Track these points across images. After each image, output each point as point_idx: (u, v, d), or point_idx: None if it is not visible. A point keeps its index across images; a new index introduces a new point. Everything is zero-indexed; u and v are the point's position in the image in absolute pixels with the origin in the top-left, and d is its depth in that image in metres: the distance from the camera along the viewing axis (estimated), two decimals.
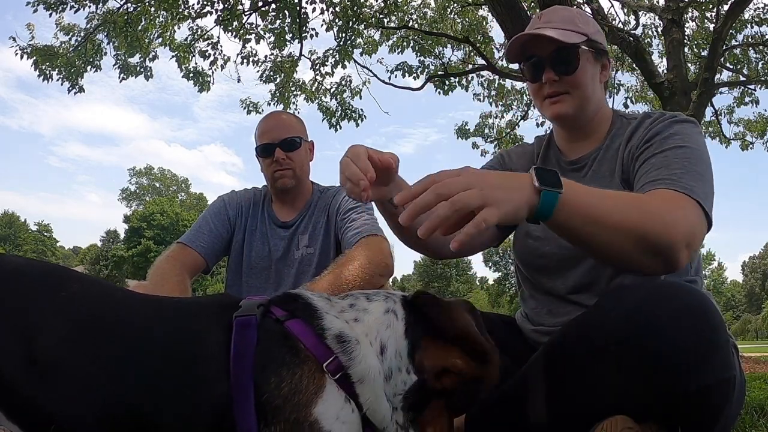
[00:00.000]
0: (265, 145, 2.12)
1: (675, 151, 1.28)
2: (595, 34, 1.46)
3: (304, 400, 0.90)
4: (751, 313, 53.22)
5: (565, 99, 1.44)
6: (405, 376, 0.99)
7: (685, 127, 1.35)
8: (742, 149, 10.09)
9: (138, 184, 56.89)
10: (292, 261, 2.11)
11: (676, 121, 1.37)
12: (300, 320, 0.98)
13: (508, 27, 4.93)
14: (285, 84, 8.57)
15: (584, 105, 1.46)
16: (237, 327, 0.95)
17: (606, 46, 1.50)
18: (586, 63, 1.43)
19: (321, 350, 0.95)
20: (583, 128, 1.51)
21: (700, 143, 1.32)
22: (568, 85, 1.43)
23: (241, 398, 0.89)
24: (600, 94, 1.49)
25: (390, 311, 1.03)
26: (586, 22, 1.47)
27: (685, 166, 1.24)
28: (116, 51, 7.52)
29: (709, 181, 1.25)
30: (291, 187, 2.13)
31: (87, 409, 0.87)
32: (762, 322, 44.81)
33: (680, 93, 6.68)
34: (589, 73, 1.44)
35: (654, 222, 1.08)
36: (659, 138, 1.33)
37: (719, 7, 7.69)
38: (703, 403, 1.05)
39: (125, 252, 41.07)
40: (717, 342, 1.03)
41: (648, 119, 1.42)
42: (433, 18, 8.86)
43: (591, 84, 1.45)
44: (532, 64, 1.47)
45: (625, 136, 1.43)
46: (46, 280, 0.97)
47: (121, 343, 0.93)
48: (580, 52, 1.42)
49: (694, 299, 1.04)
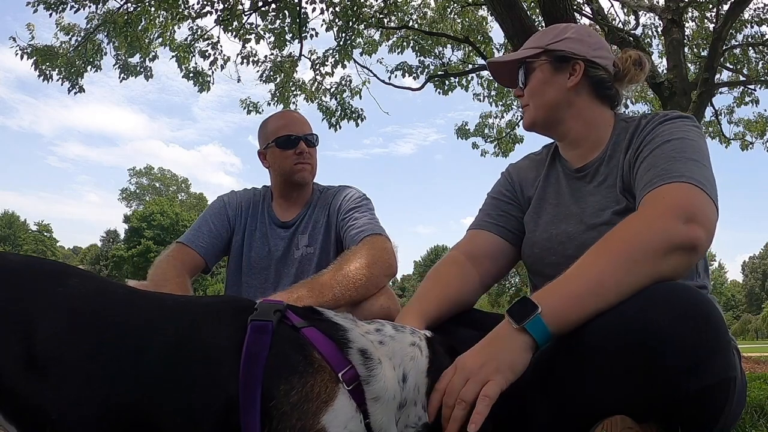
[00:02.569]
0: (288, 137, 2.10)
1: (661, 148, 1.28)
2: (558, 42, 1.49)
3: (313, 408, 0.89)
4: (751, 313, 53.18)
5: (527, 109, 1.54)
6: (420, 411, 1.00)
7: (673, 124, 1.34)
8: (742, 149, 10.10)
9: (138, 184, 56.86)
10: (291, 261, 2.11)
11: (665, 120, 1.36)
12: (316, 329, 0.98)
13: (508, 27, 4.93)
14: (285, 84, 8.56)
15: (547, 111, 1.50)
16: (251, 330, 0.94)
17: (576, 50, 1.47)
18: (539, 72, 1.49)
19: (338, 359, 0.94)
20: (568, 134, 1.51)
21: (689, 133, 1.31)
22: (528, 96, 1.52)
23: (247, 402, 0.88)
24: (572, 97, 1.47)
25: (416, 345, 1.04)
26: (548, 35, 1.54)
27: (673, 158, 1.24)
28: (116, 51, 7.51)
29: (700, 162, 1.23)
30: (306, 183, 2.15)
31: (87, 408, 0.86)
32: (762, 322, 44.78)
33: (680, 93, 6.68)
34: (543, 80, 1.49)
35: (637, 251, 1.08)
36: (648, 142, 1.34)
37: (719, 7, 7.70)
38: (704, 403, 1.05)
39: (125, 252, 41.03)
40: (718, 343, 1.03)
41: (642, 122, 1.42)
42: (433, 18, 8.84)
43: (550, 90, 1.48)
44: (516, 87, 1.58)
45: (624, 145, 1.42)
46: (44, 277, 0.96)
47: (125, 342, 0.91)
48: (531, 63, 1.50)
49: (695, 301, 1.04)
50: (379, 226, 1.95)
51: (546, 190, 1.56)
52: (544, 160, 1.63)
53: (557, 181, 1.55)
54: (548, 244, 1.46)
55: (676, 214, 1.10)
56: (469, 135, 10.15)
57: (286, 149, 2.10)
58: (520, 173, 1.65)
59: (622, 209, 1.34)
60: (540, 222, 1.51)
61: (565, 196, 1.50)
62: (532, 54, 1.50)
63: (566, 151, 1.56)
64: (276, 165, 2.14)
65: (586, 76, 1.47)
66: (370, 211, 2.03)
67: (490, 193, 1.67)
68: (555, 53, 1.48)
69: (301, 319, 1.00)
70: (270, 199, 2.22)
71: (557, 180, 1.55)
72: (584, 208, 1.43)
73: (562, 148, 1.57)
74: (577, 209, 1.44)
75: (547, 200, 1.54)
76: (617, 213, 1.34)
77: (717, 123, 9.76)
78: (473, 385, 1.00)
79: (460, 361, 1.05)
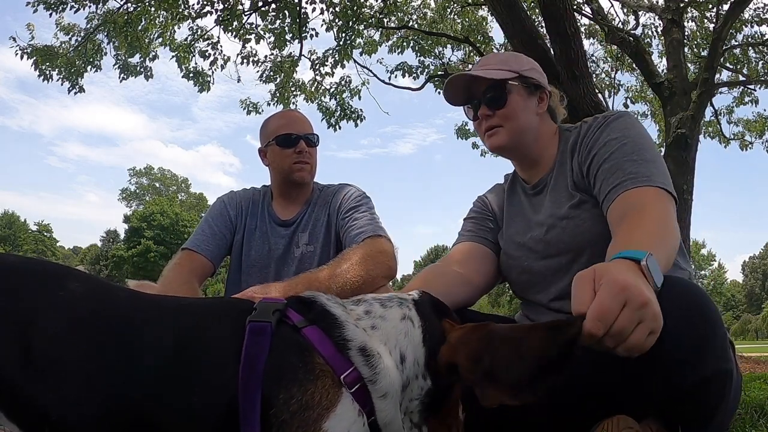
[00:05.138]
0: (287, 135, 2.10)
1: (620, 151, 1.38)
2: (529, 71, 1.59)
3: (314, 415, 0.88)
4: (751, 313, 53.14)
5: (498, 132, 1.57)
6: (422, 382, 0.99)
7: (617, 124, 1.45)
8: (742, 149, 10.07)
9: (138, 184, 56.83)
10: (292, 259, 2.11)
11: (608, 121, 1.47)
12: (317, 328, 0.96)
13: (508, 27, 4.93)
14: (285, 84, 8.55)
15: (519, 135, 1.57)
16: (249, 332, 0.92)
17: (543, 81, 1.61)
18: (516, 96, 1.55)
19: (339, 361, 0.93)
20: (529, 155, 1.62)
21: (635, 130, 1.43)
22: (500, 118, 1.56)
23: (247, 409, 0.87)
24: (538, 123, 1.60)
25: (406, 318, 1.02)
26: (518, 62, 1.60)
27: (634, 160, 1.35)
28: (116, 51, 7.50)
29: (655, 161, 1.36)
30: (305, 183, 2.14)
31: (87, 408, 0.86)
32: (762, 322, 44.77)
33: (680, 93, 6.67)
34: (521, 106, 1.55)
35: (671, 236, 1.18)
36: (600, 145, 1.43)
37: (719, 7, 7.69)
38: (701, 397, 1.06)
39: (125, 252, 41.00)
40: (714, 334, 1.05)
41: (584, 127, 1.53)
42: (433, 18, 8.84)
43: (524, 115, 1.56)
44: (472, 105, 1.61)
45: (569, 151, 1.54)
46: (45, 278, 0.96)
47: (125, 343, 0.91)
48: (509, 86, 1.54)
49: (690, 292, 1.07)
50: (379, 226, 1.94)
51: (510, 210, 1.68)
52: (503, 186, 1.76)
53: (519, 200, 1.67)
54: (519, 252, 1.57)
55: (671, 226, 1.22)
56: (469, 135, 10.13)
57: (286, 148, 2.10)
58: (492, 202, 1.76)
59: (576, 203, 1.45)
60: (510, 235, 1.63)
61: (527, 210, 1.62)
62: (510, 77, 1.54)
63: (524, 171, 1.67)
64: (276, 163, 2.14)
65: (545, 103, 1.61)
66: (370, 210, 2.03)
67: (465, 218, 1.78)
68: (528, 80, 1.57)
69: (301, 316, 0.98)
70: (270, 198, 2.22)
71: (518, 199, 1.67)
72: (544, 213, 1.54)
73: (521, 168, 1.68)
74: (539, 218, 1.55)
75: (513, 218, 1.66)
76: (573, 206, 1.46)
77: (717, 123, 9.75)
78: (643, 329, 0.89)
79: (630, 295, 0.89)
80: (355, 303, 1.05)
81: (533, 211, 1.60)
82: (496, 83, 1.53)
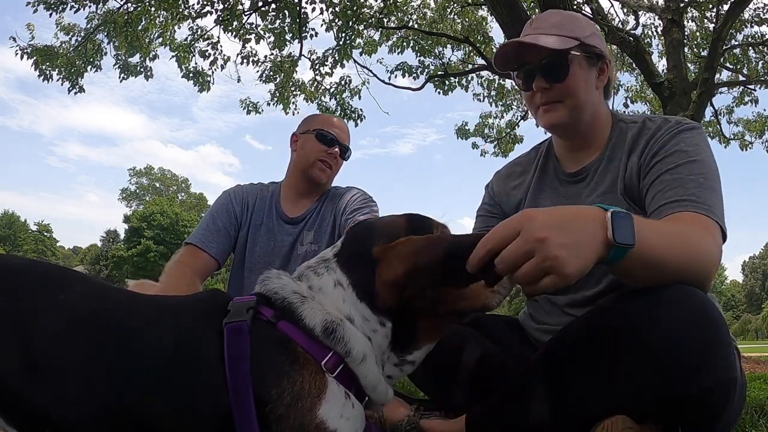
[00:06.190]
0: (329, 134, 2.16)
1: (688, 167, 1.24)
2: (590, 37, 1.40)
3: (308, 404, 0.90)
4: (751, 313, 53.15)
5: (557, 107, 1.40)
6: (381, 329, 1.00)
7: (692, 136, 1.30)
8: (742, 149, 10.07)
9: (138, 184, 56.83)
10: (295, 257, 2.11)
11: (682, 129, 1.32)
12: (286, 321, 0.97)
13: (508, 27, 4.93)
14: (285, 84, 8.56)
15: (578, 113, 1.40)
16: (228, 334, 0.93)
17: (604, 48, 1.43)
18: (577, 69, 1.37)
19: (316, 348, 0.95)
20: (582, 137, 1.46)
21: (708, 152, 1.29)
22: (560, 93, 1.38)
23: (241, 409, 0.87)
24: (597, 99, 1.44)
25: (337, 283, 1.02)
26: (579, 26, 1.41)
27: (700, 183, 1.21)
28: (116, 51, 7.50)
29: (720, 193, 1.24)
30: (320, 183, 2.18)
31: (86, 409, 0.86)
32: (762, 322, 44.75)
33: (680, 93, 6.67)
34: (582, 79, 1.38)
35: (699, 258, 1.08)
36: (667, 151, 1.29)
37: (719, 7, 7.69)
38: (704, 404, 1.04)
39: (125, 252, 40.96)
40: (719, 344, 1.03)
41: (651, 127, 1.37)
42: (432, 18, 8.84)
43: (585, 90, 1.39)
44: (524, 73, 1.42)
45: (626, 147, 1.38)
46: (45, 280, 0.96)
47: (124, 344, 0.91)
48: (570, 58, 1.36)
49: (697, 302, 1.04)
50: None
51: (539, 195, 1.53)
52: (533, 161, 1.59)
53: (550, 183, 1.52)
54: None
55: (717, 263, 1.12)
56: (469, 135, 10.14)
57: (321, 143, 2.15)
58: (505, 184, 1.63)
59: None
60: None
61: (559, 198, 1.48)
62: (571, 46, 1.36)
63: (568, 152, 1.50)
64: (303, 152, 2.17)
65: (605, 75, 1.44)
66: (373, 212, 2.04)
67: (477, 211, 1.70)
68: (590, 49, 1.40)
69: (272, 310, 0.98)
70: (278, 195, 2.22)
71: (550, 182, 1.52)
72: None
73: (566, 148, 1.51)
74: None
75: (539, 201, 1.52)
76: None
77: (717, 123, 9.74)
78: (537, 265, 0.85)
79: (528, 226, 0.87)
80: (297, 279, 1.06)
81: (567, 201, 1.46)
82: (556, 53, 1.35)
